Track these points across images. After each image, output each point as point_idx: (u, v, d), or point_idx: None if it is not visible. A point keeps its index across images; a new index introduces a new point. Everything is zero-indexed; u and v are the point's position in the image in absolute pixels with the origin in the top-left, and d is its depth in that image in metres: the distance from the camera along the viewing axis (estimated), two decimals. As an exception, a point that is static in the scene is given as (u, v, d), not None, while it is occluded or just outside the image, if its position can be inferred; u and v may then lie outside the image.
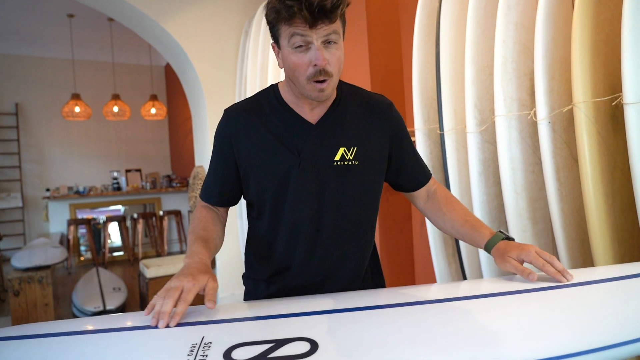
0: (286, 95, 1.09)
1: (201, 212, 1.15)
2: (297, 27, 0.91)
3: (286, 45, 0.96)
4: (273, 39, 1.01)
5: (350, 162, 1.07)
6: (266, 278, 1.15)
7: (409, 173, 1.20)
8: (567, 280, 0.95)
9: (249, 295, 1.21)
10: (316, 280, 1.11)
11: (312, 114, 1.08)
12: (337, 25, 0.94)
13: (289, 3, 0.89)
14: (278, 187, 1.07)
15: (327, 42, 0.94)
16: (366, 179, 1.11)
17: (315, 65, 0.94)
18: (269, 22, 0.97)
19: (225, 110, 1.12)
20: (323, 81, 0.97)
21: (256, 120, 1.08)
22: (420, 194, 1.23)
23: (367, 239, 1.16)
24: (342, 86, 1.13)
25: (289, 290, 1.12)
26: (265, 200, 1.09)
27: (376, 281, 1.25)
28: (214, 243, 1.08)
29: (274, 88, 1.12)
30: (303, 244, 1.09)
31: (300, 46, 0.94)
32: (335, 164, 1.06)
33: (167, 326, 0.82)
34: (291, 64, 0.97)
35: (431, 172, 1.27)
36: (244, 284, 1.23)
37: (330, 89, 1.00)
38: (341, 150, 1.07)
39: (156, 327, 0.82)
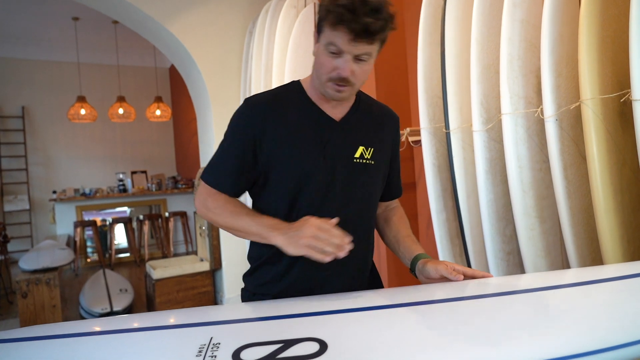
0: (310, 91, 1.13)
1: (223, 198, 1.11)
2: (337, 35, 0.97)
3: (323, 45, 1.01)
4: (316, 29, 1.05)
5: (367, 161, 1.13)
6: (277, 276, 1.12)
7: (389, 184, 1.27)
8: (457, 278, 1.03)
9: (255, 297, 1.17)
10: (324, 274, 1.11)
11: (334, 112, 1.13)
12: (373, 47, 1.00)
13: (341, 11, 0.94)
14: (302, 179, 1.07)
15: (358, 59, 1.00)
16: (378, 179, 1.18)
17: (339, 73, 1.01)
18: (319, 13, 1.02)
19: (249, 100, 1.11)
20: (343, 85, 1.03)
21: (281, 114, 1.09)
22: (382, 204, 1.31)
23: (371, 236, 1.22)
24: (360, 93, 1.19)
25: (298, 285, 1.11)
26: (285, 193, 1.09)
27: (376, 283, 1.28)
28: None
29: (297, 84, 1.15)
30: None
31: (333, 53, 1.00)
32: (355, 160, 1.12)
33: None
34: (320, 61, 1.04)
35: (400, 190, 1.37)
36: (246, 285, 1.19)
37: (347, 94, 1.06)
38: (360, 148, 1.12)
39: (164, 327, 0.82)
